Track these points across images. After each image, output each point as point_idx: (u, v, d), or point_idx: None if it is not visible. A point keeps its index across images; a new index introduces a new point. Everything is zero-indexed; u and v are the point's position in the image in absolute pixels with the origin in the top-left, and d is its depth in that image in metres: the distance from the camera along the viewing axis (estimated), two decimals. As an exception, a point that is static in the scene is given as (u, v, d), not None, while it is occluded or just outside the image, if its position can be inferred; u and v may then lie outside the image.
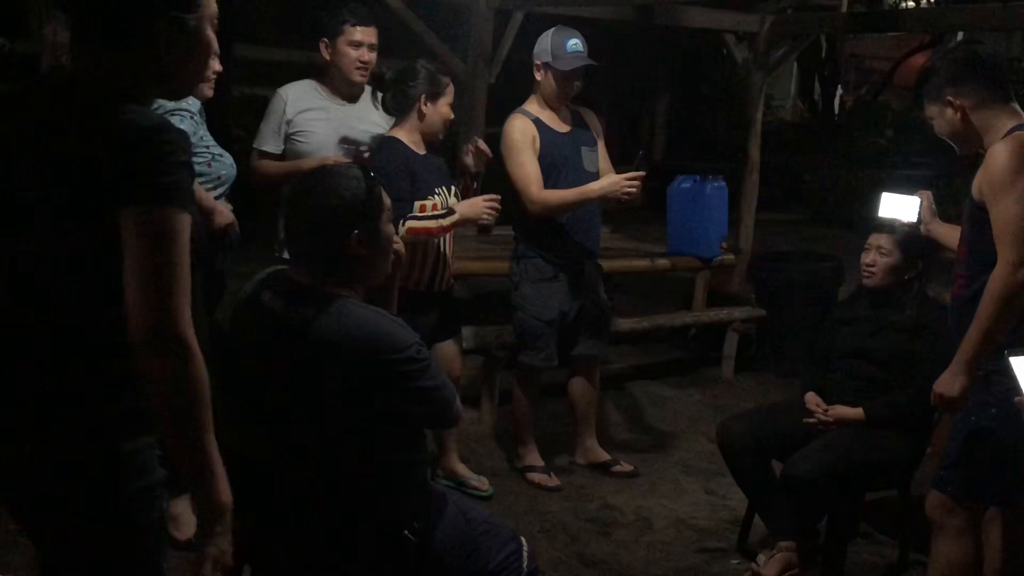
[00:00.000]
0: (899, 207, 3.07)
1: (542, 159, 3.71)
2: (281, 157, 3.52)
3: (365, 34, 3.47)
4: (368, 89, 3.51)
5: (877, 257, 3.20)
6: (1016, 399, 2.06)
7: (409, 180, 3.35)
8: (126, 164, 1.47)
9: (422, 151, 3.47)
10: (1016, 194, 2.39)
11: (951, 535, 2.62)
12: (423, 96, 3.41)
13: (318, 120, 3.50)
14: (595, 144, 3.90)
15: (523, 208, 3.72)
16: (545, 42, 3.73)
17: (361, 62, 3.47)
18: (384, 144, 3.44)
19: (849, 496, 3.17)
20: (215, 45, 1.64)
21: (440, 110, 3.44)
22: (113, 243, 1.49)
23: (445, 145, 3.62)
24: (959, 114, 2.54)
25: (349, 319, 1.97)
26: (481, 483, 3.76)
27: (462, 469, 3.79)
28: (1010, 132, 2.48)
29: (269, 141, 3.53)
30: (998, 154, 2.44)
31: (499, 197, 3.50)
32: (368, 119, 3.55)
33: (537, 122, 3.75)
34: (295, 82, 3.60)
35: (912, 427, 3.15)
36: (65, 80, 1.61)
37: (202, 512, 1.56)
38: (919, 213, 3.01)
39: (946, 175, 8.96)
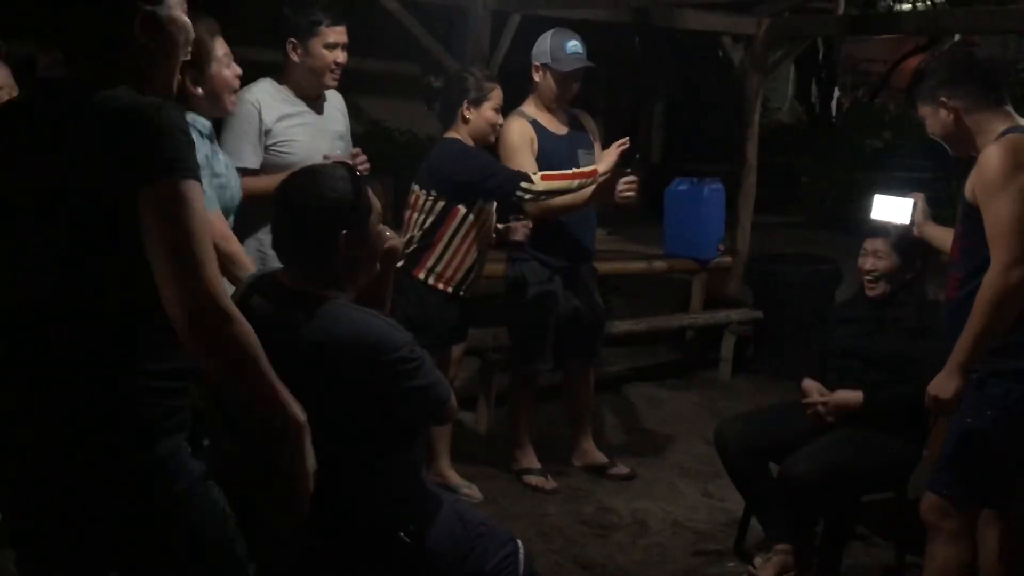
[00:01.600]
0: (892, 209, 3.07)
1: (539, 161, 3.71)
2: (257, 171, 3.10)
3: (339, 34, 3.20)
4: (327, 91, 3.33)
5: (876, 262, 3.19)
6: None
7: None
8: (127, 147, 1.47)
9: None
10: (1009, 196, 2.40)
11: (946, 538, 2.62)
12: (466, 102, 3.46)
13: (298, 127, 3.19)
14: (592, 147, 3.90)
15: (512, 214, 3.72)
16: (544, 43, 3.74)
17: (336, 64, 3.21)
18: (447, 142, 3.49)
19: (846, 498, 3.17)
20: (190, 33, 1.64)
21: (484, 115, 3.48)
22: (128, 235, 1.49)
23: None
24: (952, 116, 2.55)
25: (340, 322, 1.96)
26: (472, 490, 3.74)
27: (453, 476, 3.77)
28: (1003, 134, 2.49)
29: (249, 156, 3.09)
30: (991, 156, 2.44)
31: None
32: (335, 119, 3.38)
33: (535, 124, 3.75)
34: (254, 85, 3.18)
35: (908, 429, 3.14)
36: (58, 86, 1.59)
37: (286, 437, 1.65)
38: (912, 215, 3.01)
39: (943, 177, 8.97)
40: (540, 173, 3.44)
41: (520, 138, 3.71)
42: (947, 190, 8.35)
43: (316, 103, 3.31)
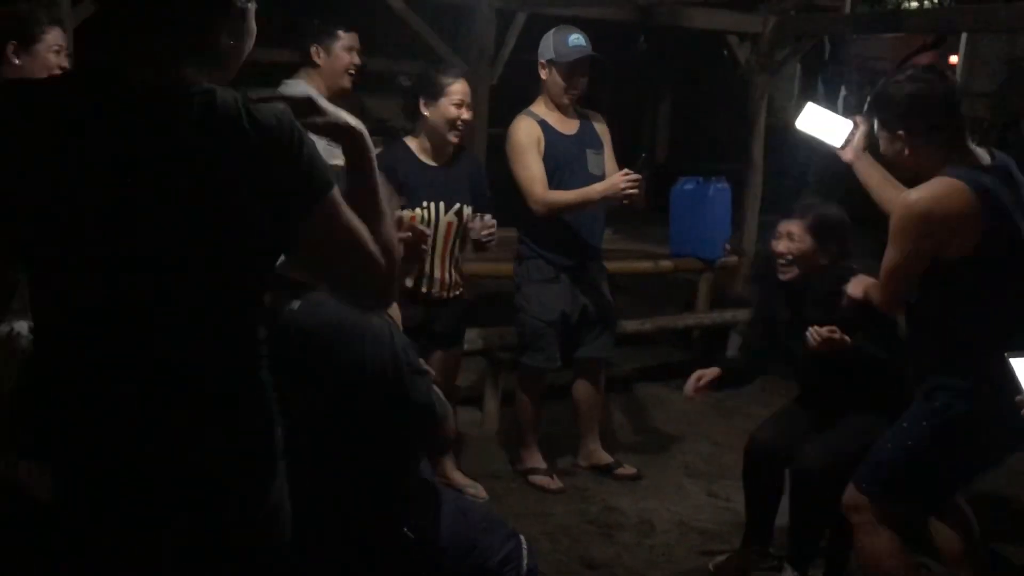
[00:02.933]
0: (825, 125, 2.83)
1: (547, 160, 3.71)
2: None
3: (354, 39, 3.46)
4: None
5: (788, 244, 3.10)
6: (1017, 398, 2.07)
7: (394, 184, 3.36)
8: (299, 166, 1.40)
9: (430, 160, 3.48)
10: (898, 247, 2.47)
11: (865, 529, 2.63)
12: (421, 99, 3.41)
13: None
14: (601, 147, 3.90)
15: (527, 209, 3.72)
16: (548, 41, 3.74)
17: (354, 65, 3.44)
18: (388, 144, 3.46)
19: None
20: (253, 35, 1.55)
21: (441, 110, 3.40)
22: (277, 248, 1.44)
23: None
24: (905, 148, 2.52)
25: (327, 306, 1.95)
26: (477, 490, 3.73)
27: (458, 477, 3.76)
28: (942, 173, 2.46)
29: None
30: (907, 200, 2.46)
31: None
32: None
33: (543, 124, 3.75)
34: (292, 86, 3.30)
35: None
36: (136, 89, 1.38)
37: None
38: (846, 139, 2.81)
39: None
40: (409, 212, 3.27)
41: (527, 138, 3.70)
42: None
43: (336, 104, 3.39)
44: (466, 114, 3.45)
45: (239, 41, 1.51)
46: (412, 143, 3.48)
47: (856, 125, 2.80)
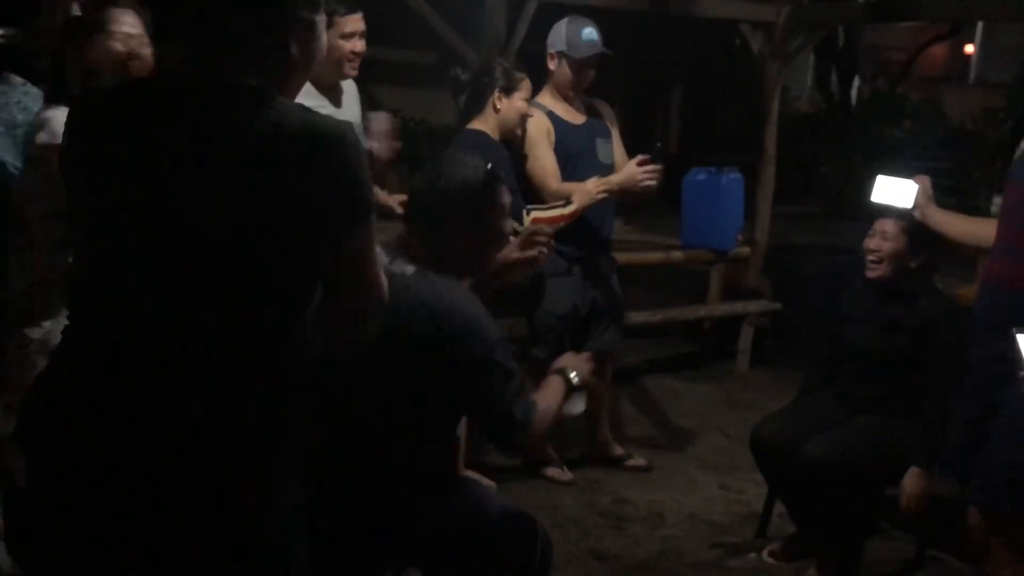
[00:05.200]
0: (894, 191, 2.96)
1: (557, 151, 3.68)
2: None
3: (356, 22, 3.21)
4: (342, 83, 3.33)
5: (881, 242, 3.09)
6: (1020, 374, 1.99)
7: (514, 171, 3.43)
8: (342, 180, 1.40)
9: None
10: None
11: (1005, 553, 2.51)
12: (497, 91, 3.45)
13: None
14: (609, 135, 3.87)
15: (540, 202, 3.69)
16: (560, 31, 3.71)
17: (354, 53, 3.21)
18: (477, 137, 3.44)
19: (862, 487, 3.12)
20: (324, 50, 1.58)
21: (515, 104, 3.47)
22: (306, 264, 1.42)
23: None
24: None
25: (444, 296, 1.96)
26: (486, 481, 3.72)
27: (467, 470, 3.75)
28: None
29: None
30: None
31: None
32: (352, 111, 3.39)
33: (551, 114, 3.72)
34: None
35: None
36: (204, 85, 1.43)
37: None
38: (915, 198, 2.91)
39: (963, 167, 8.88)
40: (532, 214, 3.43)
41: (537, 130, 3.68)
42: (968, 180, 8.30)
43: (333, 94, 3.30)
44: (530, 109, 3.57)
45: (306, 54, 1.52)
46: (487, 129, 3.48)
47: (920, 184, 2.90)
